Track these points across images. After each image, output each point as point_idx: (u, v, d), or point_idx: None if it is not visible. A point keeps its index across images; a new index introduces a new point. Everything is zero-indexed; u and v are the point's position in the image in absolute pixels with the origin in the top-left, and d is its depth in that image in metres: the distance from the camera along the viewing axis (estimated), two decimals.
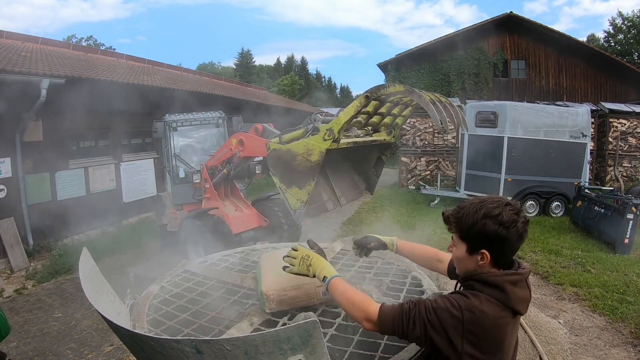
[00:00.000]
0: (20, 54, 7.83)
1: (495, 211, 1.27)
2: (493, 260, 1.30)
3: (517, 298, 1.28)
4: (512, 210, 1.28)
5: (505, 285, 1.26)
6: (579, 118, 9.54)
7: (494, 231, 1.26)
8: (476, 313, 1.23)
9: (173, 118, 6.80)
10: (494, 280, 1.28)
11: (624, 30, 27.62)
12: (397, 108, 2.78)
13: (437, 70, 19.71)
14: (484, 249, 1.29)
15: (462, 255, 1.36)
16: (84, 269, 1.66)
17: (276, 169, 2.37)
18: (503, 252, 1.30)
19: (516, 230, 1.26)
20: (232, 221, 5.86)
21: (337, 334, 1.73)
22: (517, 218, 1.26)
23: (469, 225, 1.31)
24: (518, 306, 1.28)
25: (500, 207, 1.28)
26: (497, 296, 1.26)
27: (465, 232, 1.33)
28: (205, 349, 1.06)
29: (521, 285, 1.30)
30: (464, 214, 1.33)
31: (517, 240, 1.28)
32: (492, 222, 1.26)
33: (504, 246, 1.28)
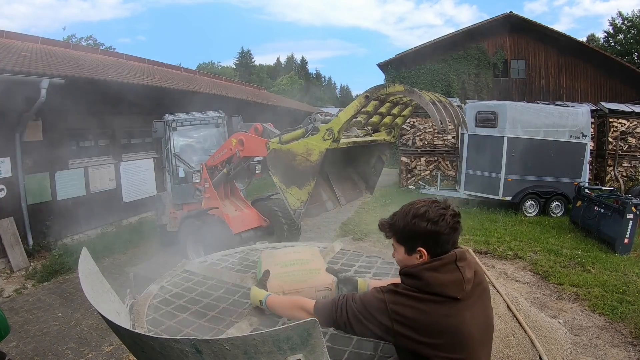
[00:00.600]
0: (20, 53, 7.83)
1: (421, 209, 1.35)
2: (431, 255, 1.36)
3: (440, 283, 1.31)
4: (438, 206, 1.35)
5: (422, 272, 1.32)
6: (578, 118, 9.54)
7: (423, 228, 1.33)
8: (396, 296, 1.31)
9: (173, 118, 6.80)
10: (412, 271, 1.35)
11: (623, 30, 27.62)
12: (396, 108, 2.78)
13: (437, 70, 19.71)
14: (420, 247, 1.36)
15: (403, 257, 1.42)
16: (84, 268, 1.66)
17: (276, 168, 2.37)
18: (438, 245, 1.35)
19: (445, 223, 1.32)
20: (232, 221, 5.86)
21: (337, 333, 1.73)
22: (444, 212, 1.33)
23: (401, 228, 1.39)
24: (441, 289, 1.30)
25: (427, 205, 1.36)
26: (413, 284, 1.32)
27: (400, 235, 1.41)
28: (205, 348, 1.06)
29: (445, 270, 1.33)
30: (396, 219, 1.42)
31: (449, 232, 1.34)
32: (421, 220, 1.33)
33: (438, 240, 1.34)
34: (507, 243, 7.22)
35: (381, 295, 1.32)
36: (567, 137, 9.43)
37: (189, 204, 6.46)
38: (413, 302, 1.30)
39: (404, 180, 13.34)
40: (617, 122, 11.81)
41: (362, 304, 1.34)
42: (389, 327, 1.29)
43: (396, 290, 1.33)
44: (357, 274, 2.36)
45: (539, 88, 19.38)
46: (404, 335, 1.28)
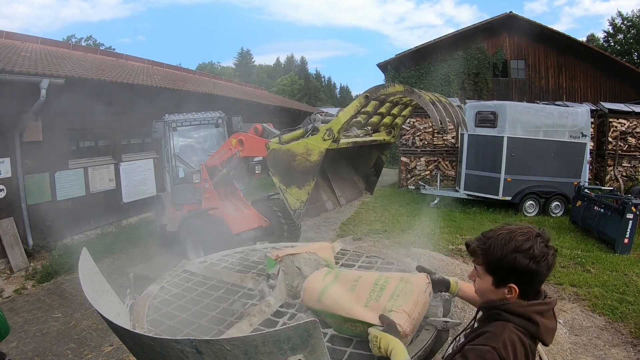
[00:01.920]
0: (20, 54, 7.83)
1: (526, 245, 1.20)
2: (521, 294, 1.25)
3: (546, 328, 1.22)
4: (542, 242, 1.22)
5: (534, 316, 1.21)
6: (578, 118, 9.55)
7: (524, 266, 1.19)
8: (509, 345, 1.16)
9: (173, 118, 6.80)
10: (522, 311, 1.22)
11: (623, 30, 27.63)
12: (396, 108, 2.78)
13: (437, 70, 19.71)
14: (513, 283, 1.23)
15: (488, 287, 1.29)
16: (84, 269, 1.66)
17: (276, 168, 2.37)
18: (532, 285, 1.25)
19: (547, 263, 1.21)
20: (232, 221, 5.86)
21: (337, 334, 1.73)
22: (547, 251, 1.21)
23: (497, 259, 1.23)
24: (546, 337, 1.23)
25: (531, 239, 1.21)
26: (526, 326, 1.21)
27: (493, 265, 1.26)
28: (205, 349, 1.06)
29: (548, 316, 1.25)
30: (491, 245, 1.25)
31: (546, 272, 1.23)
32: (523, 256, 1.19)
33: (534, 280, 1.23)
34: None
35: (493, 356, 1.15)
36: (566, 137, 9.44)
37: (189, 204, 6.46)
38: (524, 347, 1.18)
39: (404, 180, 13.34)
40: (616, 122, 11.82)
41: None
42: None
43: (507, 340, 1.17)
44: None
45: (538, 88, 19.38)
46: None
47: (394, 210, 10.05)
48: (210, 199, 6.06)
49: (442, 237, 7.46)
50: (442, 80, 19.62)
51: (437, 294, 1.86)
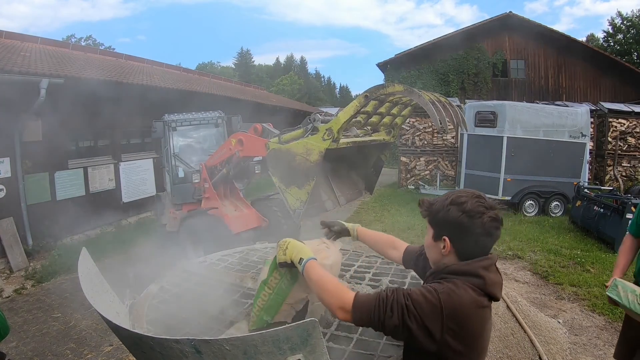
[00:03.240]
0: (19, 53, 7.83)
1: (461, 199, 1.27)
2: (456, 251, 1.28)
3: (492, 282, 1.25)
4: (480, 203, 1.26)
5: (479, 270, 1.24)
6: (578, 118, 9.55)
7: (455, 217, 1.25)
8: (453, 297, 1.18)
9: (172, 118, 6.80)
10: (466, 268, 1.25)
11: (623, 30, 27.64)
12: (396, 108, 2.78)
13: (437, 70, 19.72)
14: (445, 236, 1.28)
15: (429, 241, 1.37)
16: (83, 269, 1.66)
17: (275, 168, 2.37)
18: (465, 243, 1.27)
19: (481, 222, 1.23)
20: (232, 221, 5.86)
21: (337, 333, 1.73)
22: (484, 210, 1.24)
23: (435, 211, 1.32)
24: (494, 290, 1.25)
25: (468, 197, 1.27)
26: (472, 282, 1.23)
27: (433, 217, 1.34)
28: (205, 348, 1.06)
29: (492, 270, 1.28)
30: (436, 201, 1.35)
31: (481, 234, 1.24)
32: (457, 209, 1.25)
33: (467, 236, 1.25)
34: (506, 243, 7.22)
35: (435, 298, 1.18)
36: (566, 137, 9.44)
37: (189, 204, 6.46)
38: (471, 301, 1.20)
39: (404, 180, 13.34)
40: (616, 122, 11.82)
41: (413, 305, 1.18)
42: (436, 337, 1.17)
43: (451, 291, 1.19)
44: (357, 274, 2.37)
45: (538, 88, 19.40)
46: (448, 346, 1.18)
47: (393, 210, 10.05)
48: (209, 198, 6.06)
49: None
50: (442, 80, 19.63)
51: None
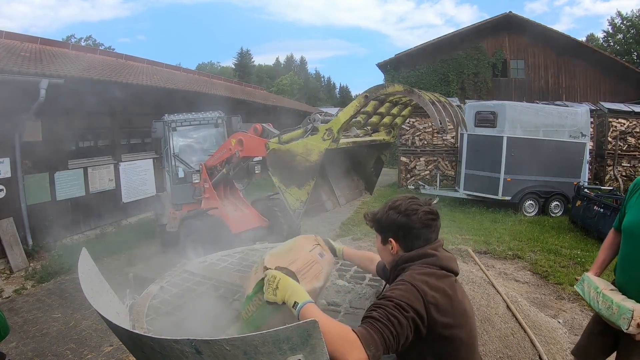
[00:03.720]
0: (19, 54, 7.83)
1: (396, 203, 1.45)
2: (401, 247, 1.43)
3: (445, 257, 1.39)
4: (413, 202, 1.45)
5: (429, 251, 1.39)
6: (578, 118, 9.55)
7: (394, 220, 1.42)
8: (417, 277, 1.28)
9: (172, 118, 6.80)
10: (416, 254, 1.39)
11: (623, 30, 27.66)
12: (396, 108, 2.78)
13: (436, 70, 19.71)
14: (391, 238, 1.44)
15: (379, 247, 1.51)
16: (83, 269, 1.66)
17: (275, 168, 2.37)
18: (409, 239, 1.41)
19: (417, 217, 1.40)
20: (232, 221, 5.86)
21: None
22: (417, 207, 1.41)
23: (379, 219, 1.49)
24: (449, 264, 1.38)
25: (402, 200, 1.46)
26: (426, 261, 1.36)
27: (377, 224, 1.50)
28: (205, 349, 1.06)
29: (441, 250, 1.43)
30: (377, 211, 1.52)
31: (421, 227, 1.40)
32: (394, 212, 1.43)
33: (409, 233, 1.41)
34: (506, 243, 7.22)
35: (407, 286, 1.25)
36: (566, 137, 9.44)
37: (189, 204, 6.46)
38: (434, 280, 1.29)
39: (404, 180, 13.34)
40: (616, 121, 11.82)
41: (402, 302, 1.20)
42: (424, 315, 1.22)
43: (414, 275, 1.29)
44: (356, 273, 2.37)
45: (538, 88, 19.39)
46: (435, 321, 1.24)
47: None
48: (209, 199, 6.06)
49: (442, 237, 7.44)
50: (442, 80, 19.62)
51: None
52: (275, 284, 1.35)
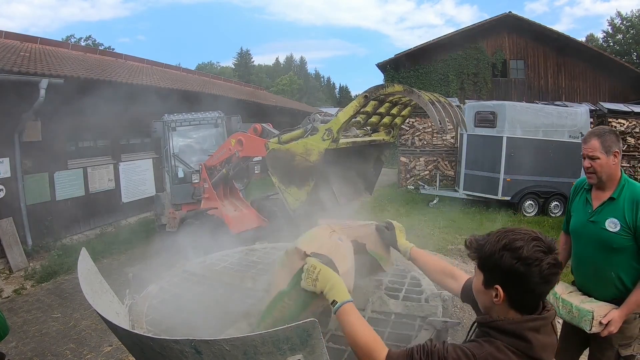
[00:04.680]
0: (19, 54, 7.82)
1: (516, 244, 1.10)
2: (509, 300, 1.14)
3: (541, 346, 1.11)
4: (538, 247, 1.10)
5: (526, 333, 1.10)
6: (577, 118, 9.55)
7: (510, 266, 1.09)
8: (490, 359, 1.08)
9: (172, 118, 6.80)
10: (512, 329, 1.11)
11: (622, 30, 27.67)
12: (396, 108, 2.78)
13: (436, 70, 19.71)
14: (498, 285, 1.14)
15: (478, 287, 1.22)
16: (83, 269, 1.66)
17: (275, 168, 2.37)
18: (521, 294, 1.12)
19: (539, 270, 1.08)
20: (231, 221, 5.85)
21: (337, 333, 1.73)
22: (542, 257, 1.08)
23: (487, 255, 1.16)
24: (542, 354, 1.11)
25: (525, 241, 1.11)
26: (517, 345, 1.10)
27: (483, 261, 1.19)
28: (204, 349, 1.06)
29: (545, 331, 1.14)
30: (486, 241, 1.18)
31: (539, 282, 1.09)
32: (511, 255, 1.10)
33: (522, 286, 1.11)
34: None
35: None
36: (566, 137, 9.43)
37: (188, 204, 6.45)
38: None
39: (403, 180, 13.34)
40: (616, 122, 11.82)
41: None
42: None
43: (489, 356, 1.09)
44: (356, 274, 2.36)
45: (537, 88, 19.39)
46: None
47: (393, 210, 10.04)
48: (209, 199, 6.05)
49: (441, 237, 7.46)
50: (442, 80, 19.62)
51: (437, 294, 1.87)
52: (315, 274, 1.33)
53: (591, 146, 2.12)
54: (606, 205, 2.16)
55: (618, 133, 2.25)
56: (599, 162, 2.11)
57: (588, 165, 2.15)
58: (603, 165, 2.11)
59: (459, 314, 4.37)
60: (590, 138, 2.14)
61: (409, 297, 2.11)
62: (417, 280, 2.30)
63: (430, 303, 1.96)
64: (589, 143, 2.13)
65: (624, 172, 2.26)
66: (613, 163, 2.13)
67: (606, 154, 2.10)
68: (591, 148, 2.12)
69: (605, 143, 2.10)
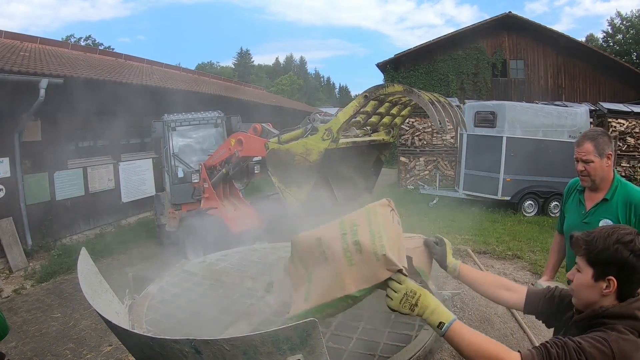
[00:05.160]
0: (19, 53, 7.82)
1: (627, 238, 1.22)
2: (618, 290, 1.25)
3: None
4: None
5: (636, 312, 1.22)
6: (577, 118, 9.56)
7: (624, 258, 1.21)
8: (622, 345, 1.16)
9: (172, 118, 6.80)
10: (624, 311, 1.23)
11: (622, 30, 27.66)
12: (395, 108, 2.78)
13: (436, 70, 19.71)
14: (612, 276, 1.23)
15: (587, 281, 1.28)
16: (83, 268, 1.66)
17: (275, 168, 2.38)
18: (630, 282, 1.24)
19: None
20: (231, 221, 5.85)
21: (337, 333, 1.73)
22: None
23: (599, 250, 1.25)
24: None
25: (633, 235, 1.24)
26: (632, 325, 1.20)
27: (594, 256, 1.26)
28: (204, 349, 1.06)
29: None
30: (594, 237, 1.27)
31: None
32: (625, 248, 1.21)
33: (633, 276, 1.23)
34: (506, 243, 7.22)
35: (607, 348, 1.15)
36: (565, 137, 9.43)
37: (188, 204, 6.45)
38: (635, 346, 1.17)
39: (403, 180, 13.34)
40: (615, 122, 11.82)
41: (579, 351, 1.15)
42: None
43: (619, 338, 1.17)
44: None
45: (537, 88, 19.38)
46: None
47: None
48: (209, 198, 6.05)
49: None
50: (441, 80, 19.63)
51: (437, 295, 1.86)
52: (415, 299, 1.31)
53: (585, 150, 2.09)
54: (600, 207, 2.15)
55: (610, 134, 2.24)
56: (592, 166, 2.09)
57: (582, 169, 2.13)
58: (597, 169, 2.09)
59: (459, 314, 4.37)
60: (583, 141, 2.11)
61: None
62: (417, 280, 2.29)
63: None
64: (582, 146, 2.11)
65: (617, 172, 2.26)
66: (606, 165, 2.10)
67: (600, 156, 2.08)
68: (585, 151, 2.09)
69: (599, 146, 2.07)
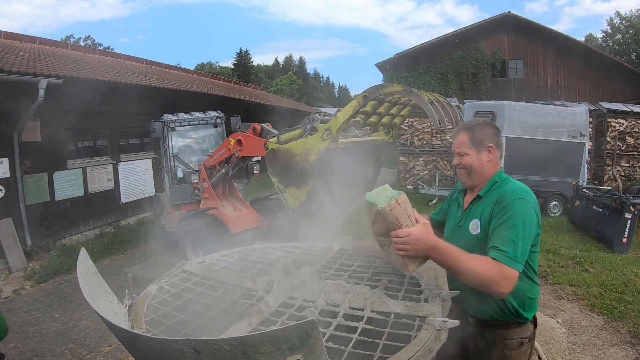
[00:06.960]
0: (18, 53, 7.81)
1: None
2: None
3: None
4: None
5: None
6: (577, 118, 9.56)
7: None
8: None
9: (171, 118, 6.79)
10: None
11: (622, 30, 27.67)
12: (395, 108, 2.78)
13: (435, 70, 19.72)
14: None
15: None
16: (82, 269, 1.66)
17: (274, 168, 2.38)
18: None
19: None
20: (231, 221, 5.85)
21: (336, 333, 1.73)
22: None
23: None
24: None
25: None
26: None
27: None
28: (204, 349, 1.06)
29: None
30: None
31: None
32: None
33: None
34: None
35: None
36: (565, 137, 9.45)
37: (188, 204, 6.45)
38: None
39: (403, 180, 13.35)
40: (615, 121, 11.84)
41: None
42: None
43: None
44: (355, 273, 2.36)
45: (537, 88, 19.41)
46: None
47: None
48: (208, 199, 6.05)
49: None
50: (441, 80, 19.64)
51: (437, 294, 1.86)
52: None
53: (458, 140, 1.84)
54: (472, 206, 1.87)
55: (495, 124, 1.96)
56: (467, 159, 1.83)
57: (457, 162, 1.86)
58: (473, 163, 1.83)
59: None
60: (458, 131, 1.87)
61: (409, 296, 2.10)
62: (416, 280, 2.29)
63: (430, 303, 1.96)
64: (456, 137, 1.85)
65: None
66: (487, 160, 1.86)
67: (476, 149, 1.83)
68: (458, 142, 1.84)
69: (475, 137, 1.82)
